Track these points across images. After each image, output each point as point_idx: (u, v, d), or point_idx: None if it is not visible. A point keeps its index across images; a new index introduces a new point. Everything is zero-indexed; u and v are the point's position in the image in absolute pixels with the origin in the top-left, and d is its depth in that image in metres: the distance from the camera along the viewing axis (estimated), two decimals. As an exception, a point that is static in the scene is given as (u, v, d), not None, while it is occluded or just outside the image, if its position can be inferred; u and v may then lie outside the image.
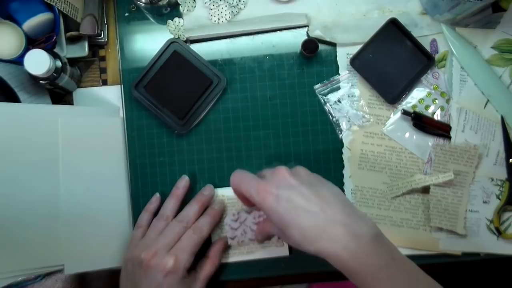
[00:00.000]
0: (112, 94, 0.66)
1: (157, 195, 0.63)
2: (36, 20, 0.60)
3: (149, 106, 0.63)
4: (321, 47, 0.64)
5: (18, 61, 0.60)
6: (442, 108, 0.63)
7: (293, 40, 0.65)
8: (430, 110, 0.63)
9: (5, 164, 0.54)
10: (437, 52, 0.64)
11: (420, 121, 0.62)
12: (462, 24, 0.63)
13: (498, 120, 0.62)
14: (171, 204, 0.60)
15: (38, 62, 0.55)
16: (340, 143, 0.64)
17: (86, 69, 0.67)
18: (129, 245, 0.58)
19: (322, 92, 0.64)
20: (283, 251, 0.62)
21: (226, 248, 0.62)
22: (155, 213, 0.61)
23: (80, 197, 0.59)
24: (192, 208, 0.59)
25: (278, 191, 0.45)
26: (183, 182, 0.62)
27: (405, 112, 0.62)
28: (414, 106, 0.63)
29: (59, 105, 0.64)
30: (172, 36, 0.64)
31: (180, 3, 0.64)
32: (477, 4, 0.56)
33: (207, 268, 0.59)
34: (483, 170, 0.62)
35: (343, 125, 0.64)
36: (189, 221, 0.58)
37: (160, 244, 0.55)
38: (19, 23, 0.60)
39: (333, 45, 0.64)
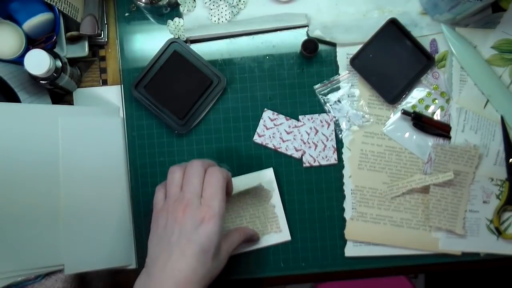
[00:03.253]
0: (112, 94, 0.66)
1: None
2: (36, 20, 0.60)
3: (149, 106, 0.63)
4: (321, 47, 0.64)
5: (18, 61, 0.60)
6: (442, 108, 0.63)
7: (293, 40, 0.65)
8: (430, 110, 0.63)
9: (5, 164, 0.54)
10: (437, 52, 0.64)
11: (420, 121, 0.62)
12: (462, 24, 0.63)
13: (498, 120, 0.62)
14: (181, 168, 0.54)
15: (38, 62, 0.55)
16: (340, 143, 0.64)
17: (86, 69, 0.67)
18: (154, 208, 0.54)
19: (322, 92, 0.64)
20: (285, 237, 0.63)
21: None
22: None
23: (80, 197, 0.59)
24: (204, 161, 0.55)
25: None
26: None
27: (405, 112, 0.62)
28: (414, 106, 0.63)
29: (59, 105, 0.64)
30: (172, 36, 0.64)
31: (180, 3, 0.64)
32: (477, 4, 0.56)
33: (235, 236, 0.57)
34: (483, 170, 0.62)
35: (343, 125, 0.64)
36: (206, 160, 0.53)
37: (188, 193, 0.50)
38: (19, 23, 0.60)
39: (333, 45, 0.64)
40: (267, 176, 0.63)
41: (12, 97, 0.58)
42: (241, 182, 0.62)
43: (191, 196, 0.50)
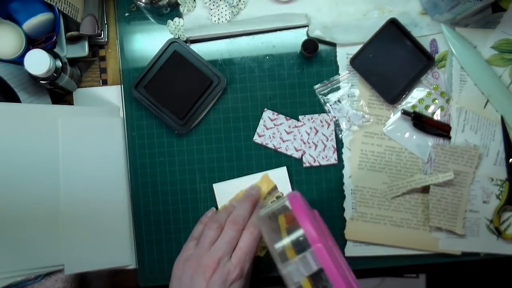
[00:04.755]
0: (112, 94, 0.66)
1: (213, 209, 0.62)
2: (36, 20, 0.60)
3: (149, 106, 0.63)
4: (321, 47, 0.64)
5: (18, 61, 0.60)
6: (442, 108, 0.63)
7: (293, 40, 0.65)
8: (430, 110, 0.63)
9: (5, 164, 0.54)
10: (437, 52, 0.64)
11: (420, 121, 0.62)
12: (462, 24, 0.63)
13: (498, 120, 0.62)
14: (224, 215, 0.57)
15: (38, 62, 0.55)
16: (340, 143, 0.64)
17: (86, 69, 0.67)
18: (181, 255, 0.55)
19: (322, 92, 0.64)
20: None
21: None
22: None
23: (80, 197, 0.59)
24: (244, 207, 0.57)
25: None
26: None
27: (405, 112, 0.62)
28: (414, 106, 0.63)
29: (59, 105, 0.64)
30: (172, 36, 0.64)
31: (180, 3, 0.64)
32: (477, 4, 0.56)
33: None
34: (483, 170, 0.62)
35: (343, 125, 0.64)
36: (244, 222, 0.55)
37: (221, 252, 0.52)
38: (19, 23, 0.60)
39: (333, 45, 0.64)
40: (280, 175, 0.63)
41: (12, 97, 0.58)
42: (253, 180, 0.63)
43: (223, 255, 0.52)
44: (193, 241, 0.56)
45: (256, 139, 0.64)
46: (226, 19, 0.64)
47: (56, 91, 0.64)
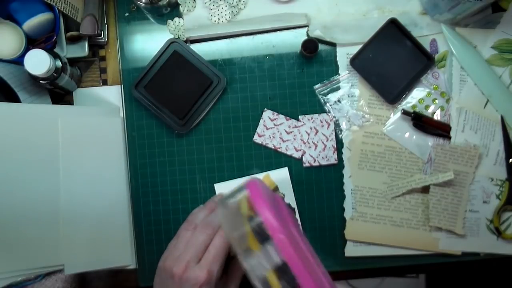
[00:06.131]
0: (112, 94, 0.66)
1: (201, 207, 0.61)
2: (36, 20, 0.60)
3: (149, 106, 0.63)
4: (321, 47, 0.64)
5: (18, 61, 0.60)
6: (442, 108, 0.63)
7: (293, 40, 0.65)
8: (430, 110, 0.63)
9: (5, 164, 0.54)
10: (437, 52, 0.64)
11: (420, 121, 0.62)
12: (462, 24, 0.63)
13: (498, 120, 0.62)
14: (202, 214, 0.57)
15: (38, 62, 0.55)
16: (340, 143, 0.64)
17: (86, 69, 0.67)
18: (164, 253, 0.55)
19: (322, 92, 0.64)
20: None
21: None
22: None
23: (80, 197, 0.59)
24: (220, 211, 0.55)
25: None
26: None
27: (405, 112, 0.62)
28: (414, 106, 0.63)
29: (59, 105, 0.64)
30: (172, 36, 0.64)
31: (180, 3, 0.64)
32: (477, 4, 0.56)
33: (239, 271, 0.57)
34: (483, 170, 0.62)
35: (343, 125, 0.64)
36: (215, 226, 0.54)
37: (189, 256, 0.52)
38: (19, 23, 0.60)
39: (333, 45, 0.64)
40: (281, 176, 0.63)
41: (12, 97, 0.58)
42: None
43: (191, 259, 0.52)
44: (176, 239, 0.56)
45: (256, 139, 0.64)
46: (226, 19, 0.64)
47: (56, 91, 0.64)
